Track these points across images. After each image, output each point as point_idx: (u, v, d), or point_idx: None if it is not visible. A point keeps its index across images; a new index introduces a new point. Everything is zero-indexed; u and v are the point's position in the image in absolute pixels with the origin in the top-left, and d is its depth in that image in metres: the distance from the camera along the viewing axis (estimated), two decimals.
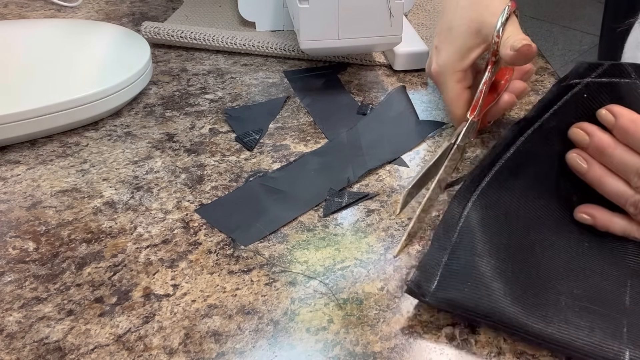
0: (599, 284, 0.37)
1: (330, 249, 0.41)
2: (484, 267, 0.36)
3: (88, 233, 0.42)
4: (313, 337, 0.35)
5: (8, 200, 0.45)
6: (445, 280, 0.36)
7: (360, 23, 0.55)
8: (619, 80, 0.39)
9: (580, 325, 0.34)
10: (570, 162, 0.41)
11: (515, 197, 0.41)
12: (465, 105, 0.49)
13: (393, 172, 0.49)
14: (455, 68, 0.49)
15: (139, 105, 0.57)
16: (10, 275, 0.39)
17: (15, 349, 0.34)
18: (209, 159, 0.50)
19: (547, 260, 0.38)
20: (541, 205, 0.41)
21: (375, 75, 0.63)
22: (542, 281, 0.37)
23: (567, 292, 0.36)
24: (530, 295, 0.35)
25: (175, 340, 0.35)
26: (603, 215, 0.40)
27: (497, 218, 0.39)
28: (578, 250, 0.39)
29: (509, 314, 0.34)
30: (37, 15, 0.74)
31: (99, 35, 0.61)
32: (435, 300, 0.36)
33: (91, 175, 0.48)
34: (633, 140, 0.38)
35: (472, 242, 0.38)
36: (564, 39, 2.58)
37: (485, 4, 0.47)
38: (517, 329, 0.34)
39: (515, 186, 0.41)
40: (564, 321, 0.34)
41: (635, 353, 0.32)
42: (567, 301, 0.35)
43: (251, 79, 0.61)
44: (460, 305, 0.35)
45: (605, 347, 0.33)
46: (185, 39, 0.65)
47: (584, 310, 0.35)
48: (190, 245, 0.41)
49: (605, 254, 0.38)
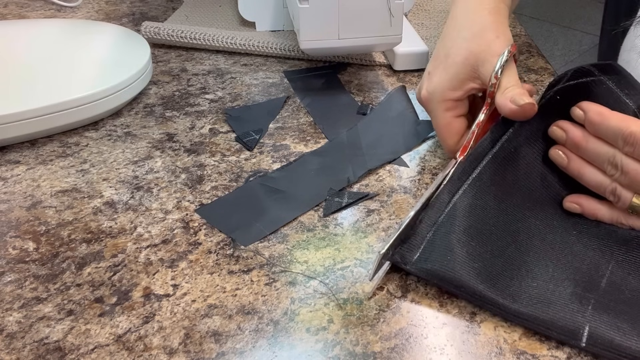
0: (579, 267, 0.39)
1: (330, 249, 0.41)
2: (464, 246, 0.38)
3: (88, 233, 0.42)
4: (313, 337, 0.35)
5: (8, 200, 0.45)
6: (427, 253, 0.39)
7: (360, 23, 0.55)
8: (586, 79, 0.43)
9: (548, 300, 0.36)
10: (553, 156, 0.43)
11: (504, 188, 0.42)
12: (457, 134, 0.47)
13: (393, 172, 0.49)
14: (444, 96, 0.46)
15: (139, 105, 0.57)
16: (10, 275, 0.39)
17: (15, 349, 0.34)
18: (209, 159, 0.50)
19: (531, 247, 0.40)
20: (530, 195, 0.43)
21: (375, 75, 0.63)
22: (522, 265, 0.39)
23: (545, 275, 0.38)
24: (506, 277, 0.38)
25: (175, 340, 0.35)
26: (590, 204, 0.42)
27: (484, 206, 0.41)
28: (565, 238, 0.41)
29: (481, 289, 0.36)
30: (37, 15, 0.74)
31: (99, 35, 0.61)
32: (415, 268, 0.38)
33: (91, 175, 0.48)
34: (602, 131, 0.40)
35: (456, 223, 0.40)
36: (564, 39, 2.58)
37: (487, 40, 0.45)
38: (486, 302, 0.36)
39: (505, 178, 0.42)
40: (533, 298, 0.36)
41: (594, 328, 0.34)
42: (540, 283, 0.37)
43: (251, 79, 0.61)
44: (438, 276, 0.37)
45: (567, 321, 0.35)
46: (185, 39, 0.65)
47: (556, 288, 0.37)
48: (190, 245, 0.41)
49: (593, 242, 0.40)
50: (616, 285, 0.37)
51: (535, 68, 0.64)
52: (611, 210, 0.42)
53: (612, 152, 0.40)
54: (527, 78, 0.62)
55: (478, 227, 0.40)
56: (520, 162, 0.43)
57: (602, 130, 0.40)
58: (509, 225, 0.41)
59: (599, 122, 0.40)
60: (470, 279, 0.37)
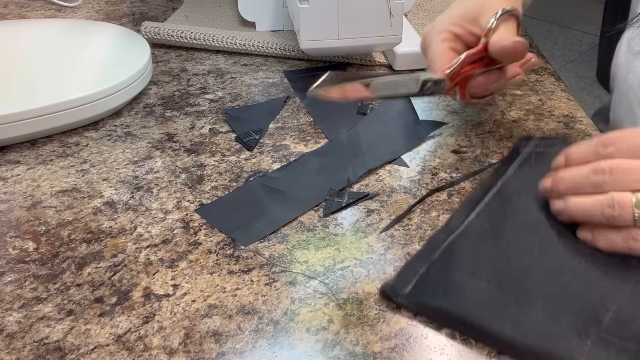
0: (585, 298, 0.36)
1: (330, 249, 0.41)
2: (459, 279, 0.37)
3: (88, 233, 0.42)
4: (313, 337, 0.35)
5: (8, 200, 0.45)
6: (420, 286, 0.37)
7: (360, 23, 0.55)
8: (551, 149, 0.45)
9: (546, 331, 0.34)
10: (553, 208, 0.41)
11: (503, 230, 0.41)
12: (448, 63, 0.47)
13: (393, 172, 0.49)
14: (444, 27, 0.49)
15: (139, 105, 0.57)
16: (10, 275, 0.39)
17: (15, 349, 0.34)
18: (209, 159, 0.50)
19: (532, 275, 0.38)
20: (534, 228, 0.41)
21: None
22: (522, 293, 0.37)
23: (546, 304, 0.36)
24: (504, 305, 0.36)
25: (175, 340, 0.35)
26: (601, 230, 0.39)
27: (482, 245, 0.40)
28: (572, 266, 0.38)
29: (476, 320, 0.35)
30: (37, 15, 0.74)
31: (99, 35, 0.61)
32: (407, 301, 0.37)
33: (91, 175, 0.48)
34: (579, 154, 0.40)
35: (451, 260, 0.39)
36: (564, 39, 2.57)
37: (491, 1, 0.48)
38: (482, 333, 0.35)
39: (506, 221, 0.41)
40: (531, 327, 0.34)
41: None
42: (539, 312, 0.35)
43: (251, 79, 0.61)
44: (431, 308, 0.36)
45: (563, 355, 0.33)
46: (185, 39, 0.65)
47: (556, 318, 0.35)
48: (190, 245, 0.41)
49: (602, 271, 0.38)
50: (622, 320, 0.35)
51: (535, 68, 0.64)
52: (620, 231, 0.37)
53: (594, 164, 0.38)
54: (527, 78, 0.62)
55: (474, 266, 0.38)
56: (520, 201, 0.43)
57: (580, 153, 0.40)
58: (509, 254, 0.39)
59: (574, 149, 0.40)
60: (464, 310, 0.35)
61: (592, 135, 0.53)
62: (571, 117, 0.56)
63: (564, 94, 0.60)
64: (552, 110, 0.57)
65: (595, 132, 0.54)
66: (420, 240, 0.42)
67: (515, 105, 0.57)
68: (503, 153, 0.51)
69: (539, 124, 0.55)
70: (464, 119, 0.55)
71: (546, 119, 0.55)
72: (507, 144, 0.52)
